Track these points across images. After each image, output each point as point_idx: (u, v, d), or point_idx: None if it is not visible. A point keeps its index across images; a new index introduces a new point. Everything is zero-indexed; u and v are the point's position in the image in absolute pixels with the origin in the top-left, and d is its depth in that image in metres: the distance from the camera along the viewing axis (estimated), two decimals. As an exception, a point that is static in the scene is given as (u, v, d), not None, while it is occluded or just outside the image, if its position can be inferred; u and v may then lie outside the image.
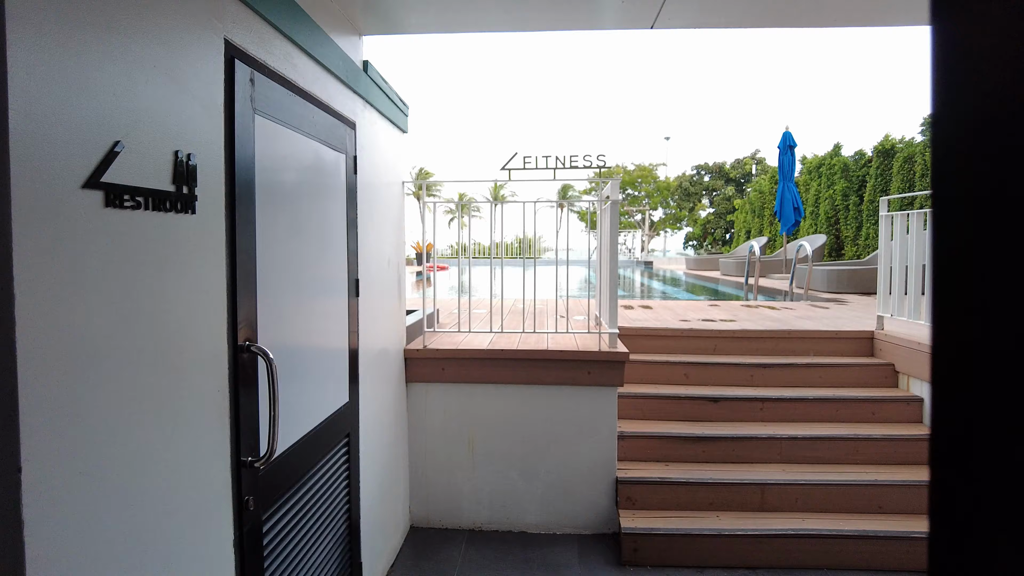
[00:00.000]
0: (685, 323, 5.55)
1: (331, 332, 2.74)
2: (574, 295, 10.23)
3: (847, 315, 6.23)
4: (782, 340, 5.11)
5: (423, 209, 4.21)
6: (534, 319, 4.11)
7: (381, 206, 3.54)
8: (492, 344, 4.11)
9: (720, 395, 4.53)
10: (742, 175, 39.20)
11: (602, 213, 4.23)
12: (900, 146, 12.09)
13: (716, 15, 3.07)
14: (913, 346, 4.51)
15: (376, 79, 3.34)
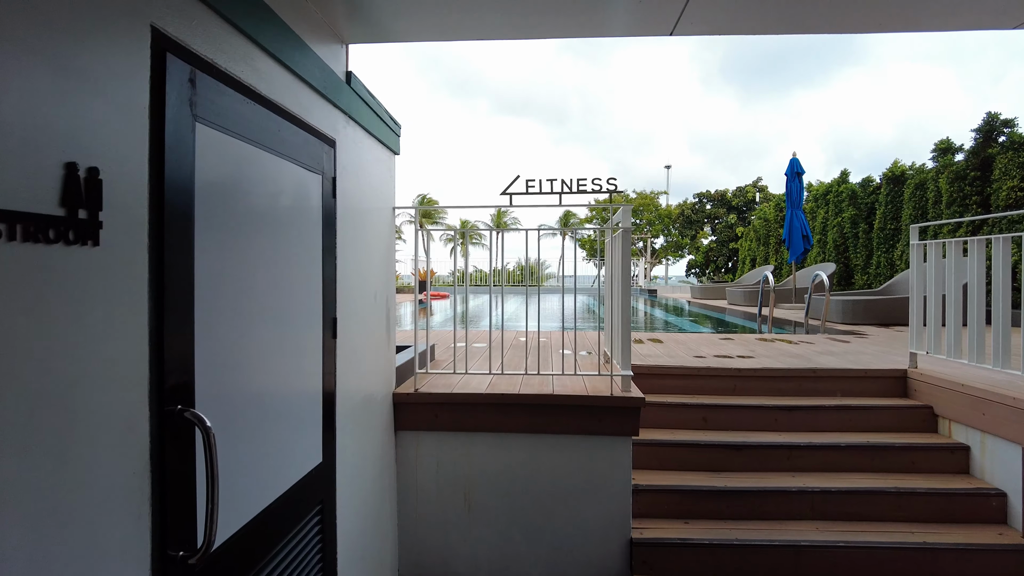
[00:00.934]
0: (700, 359, 5.14)
1: (300, 379, 2.34)
2: (580, 327, 9.83)
3: (871, 350, 5.81)
4: (807, 380, 4.68)
5: (418, 237, 3.83)
6: (538, 356, 3.71)
7: (367, 234, 3.16)
8: (492, 387, 3.70)
9: (743, 442, 4.10)
10: (744, 203, 39.04)
11: (612, 241, 3.84)
12: (911, 172, 11.77)
13: (740, 21, 2.73)
14: (956, 388, 4.08)
15: (361, 93, 2.99)
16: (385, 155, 3.50)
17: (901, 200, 12.01)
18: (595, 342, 6.07)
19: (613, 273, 3.88)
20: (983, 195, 9.85)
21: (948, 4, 2.61)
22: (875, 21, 2.68)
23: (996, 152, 9.69)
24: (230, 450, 1.78)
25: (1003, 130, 9.71)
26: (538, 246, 3.98)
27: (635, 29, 2.70)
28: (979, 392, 3.88)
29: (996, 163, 9.57)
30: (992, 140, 9.85)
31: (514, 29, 2.72)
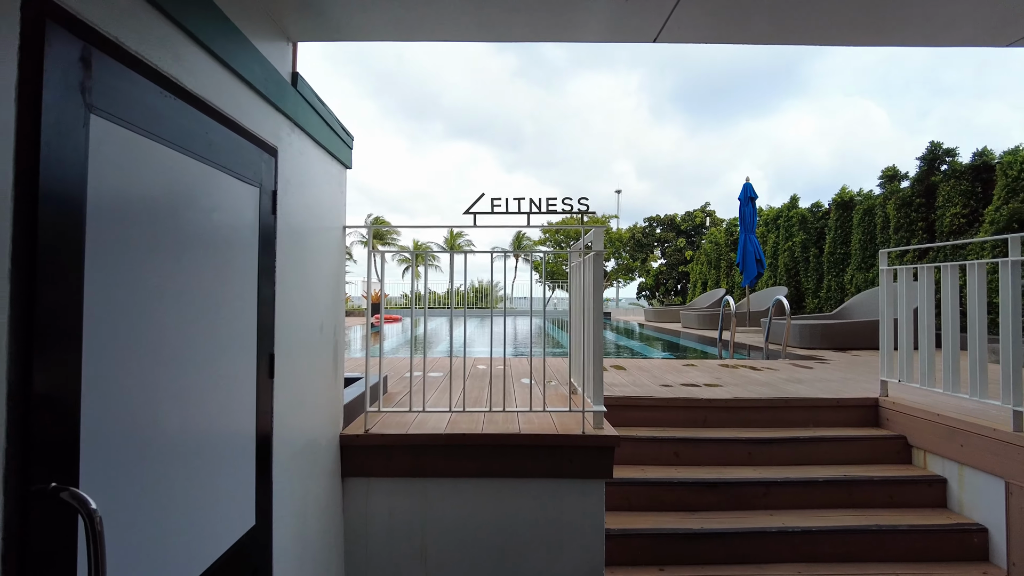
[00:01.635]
0: (667, 389, 4.92)
1: (228, 429, 1.97)
2: (538, 352, 9.55)
3: (836, 376, 5.71)
4: (779, 410, 4.51)
5: (371, 259, 3.49)
6: (503, 387, 3.40)
7: (313, 256, 2.81)
8: (451, 426, 3.36)
9: (718, 479, 3.86)
10: (692, 227, 39.82)
11: (583, 265, 3.59)
12: (859, 199, 12.04)
13: (727, 29, 2.53)
14: (931, 417, 3.96)
15: (309, 97, 2.66)
16: (335, 168, 3.16)
17: (850, 225, 12.26)
18: (559, 370, 5.79)
19: (585, 299, 3.62)
20: (928, 221, 10.10)
21: (941, 20, 2.47)
22: (865, 35, 2.53)
23: (939, 180, 9.96)
24: (130, 532, 1.40)
25: (945, 159, 10.00)
26: (491, 267, 3.71)
27: (617, 34, 2.47)
28: (956, 423, 3.76)
29: (940, 190, 9.83)
30: (935, 169, 10.14)
31: (482, 29, 2.45)
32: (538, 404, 3.70)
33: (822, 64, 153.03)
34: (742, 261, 12.75)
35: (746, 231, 12.76)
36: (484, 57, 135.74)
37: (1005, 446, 3.40)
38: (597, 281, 3.25)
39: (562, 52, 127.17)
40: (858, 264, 11.69)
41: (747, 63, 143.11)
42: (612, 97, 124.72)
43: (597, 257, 3.27)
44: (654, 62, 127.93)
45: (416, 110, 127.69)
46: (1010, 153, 8.91)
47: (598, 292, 3.26)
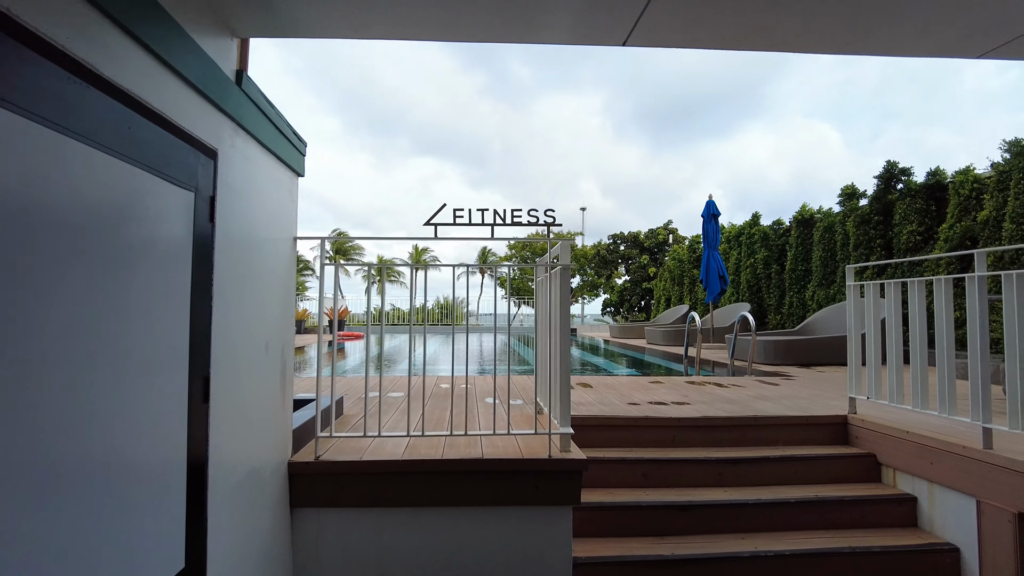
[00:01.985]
0: (635, 407, 4.79)
1: (152, 462, 1.75)
2: (502, 369, 9.37)
3: (804, 393, 5.67)
4: (748, 428, 4.41)
5: (323, 272, 3.29)
6: (464, 407, 3.21)
7: (259, 270, 2.60)
8: (410, 451, 3.15)
9: (688, 501, 3.73)
10: (655, 244, 40.29)
11: (549, 279, 3.44)
12: (819, 216, 12.24)
13: (698, 34, 2.44)
14: (900, 435, 3.90)
15: (256, 98, 2.47)
16: (285, 176, 2.96)
17: (811, 242, 12.45)
18: (525, 388, 5.62)
19: (551, 315, 3.47)
20: (886, 238, 10.30)
21: (914, 29, 2.42)
22: (838, 42, 2.46)
23: (895, 198, 10.18)
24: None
25: (900, 178, 10.23)
26: (453, 282, 3.55)
27: (585, 36, 2.35)
28: (926, 440, 3.71)
29: (896, 208, 10.04)
30: (892, 187, 10.36)
31: (443, 29, 2.30)
32: (502, 426, 3.52)
33: (780, 87, 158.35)
34: (705, 277, 12.82)
35: (709, 248, 12.86)
36: (451, 74, 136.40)
37: (975, 464, 3.35)
38: (564, 296, 3.11)
39: (529, 71, 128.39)
40: (819, 281, 11.85)
41: (709, 85, 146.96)
42: (577, 116, 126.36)
43: (564, 271, 3.13)
44: (619, 82, 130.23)
45: (382, 125, 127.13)
46: (961, 173, 9.14)
47: (565, 307, 3.12)
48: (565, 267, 3.12)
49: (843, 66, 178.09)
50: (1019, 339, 3.16)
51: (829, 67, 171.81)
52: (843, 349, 8.89)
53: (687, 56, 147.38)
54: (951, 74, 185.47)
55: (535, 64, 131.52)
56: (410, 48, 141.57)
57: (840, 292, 11.14)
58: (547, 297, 3.58)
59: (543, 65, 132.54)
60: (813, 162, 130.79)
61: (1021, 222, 7.92)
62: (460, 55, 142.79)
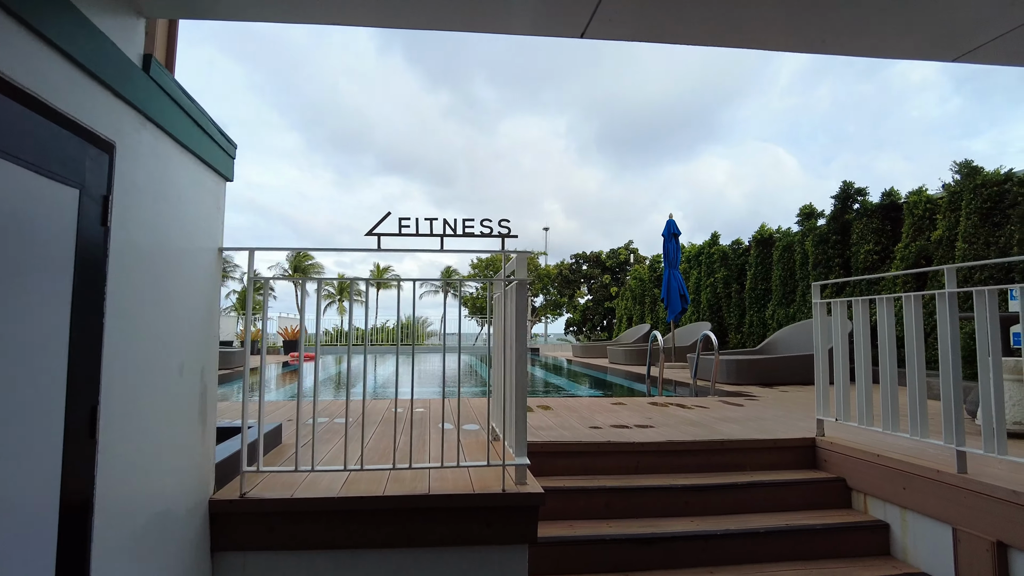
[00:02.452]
0: (597, 431, 4.55)
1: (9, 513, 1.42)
2: (464, 391, 9.05)
3: (769, 414, 5.52)
4: (714, 453, 4.21)
5: (250, 286, 2.97)
6: (412, 436, 2.91)
7: (173, 282, 2.29)
8: (349, 486, 2.84)
9: (652, 534, 3.49)
10: (617, 264, 40.57)
11: (505, 295, 3.20)
12: (778, 236, 12.33)
13: (659, 28, 2.25)
14: (871, 459, 3.75)
15: (169, 87, 2.18)
16: (209, 179, 2.66)
17: (770, 261, 12.52)
18: (482, 412, 5.33)
19: (506, 332, 3.21)
20: (844, 257, 10.38)
21: (888, 31, 2.27)
22: (809, 39, 2.30)
23: (852, 218, 10.29)
24: None
25: (857, 198, 10.35)
26: (396, 297, 3.26)
27: (543, 27, 2.14)
28: (897, 464, 3.55)
29: (854, 228, 10.14)
30: (849, 207, 10.48)
31: (385, 13, 2.05)
32: (453, 456, 3.23)
33: (738, 112, 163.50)
34: (667, 296, 12.77)
35: (670, 267, 12.82)
36: (418, 94, 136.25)
37: (950, 489, 3.20)
38: (520, 313, 2.86)
39: (494, 93, 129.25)
40: (779, 300, 11.90)
41: (670, 110, 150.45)
42: (542, 138, 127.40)
43: (520, 287, 2.89)
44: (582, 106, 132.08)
45: (346, 143, 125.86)
46: (915, 193, 9.28)
47: (521, 325, 2.87)
48: (521, 282, 2.88)
49: (797, 92, 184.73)
50: (992, 358, 3.03)
51: (785, 93, 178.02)
52: (805, 368, 8.86)
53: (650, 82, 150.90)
54: (897, 102, 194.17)
55: (500, 86, 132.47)
56: (376, 67, 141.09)
57: (800, 311, 11.18)
58: (503, 315, 3.33)
59: (508, 87, 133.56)
60: (770, 184, 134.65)
61: (973, 241, 8.03)
62: (426, 75, 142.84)
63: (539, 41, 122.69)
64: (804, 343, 9.53)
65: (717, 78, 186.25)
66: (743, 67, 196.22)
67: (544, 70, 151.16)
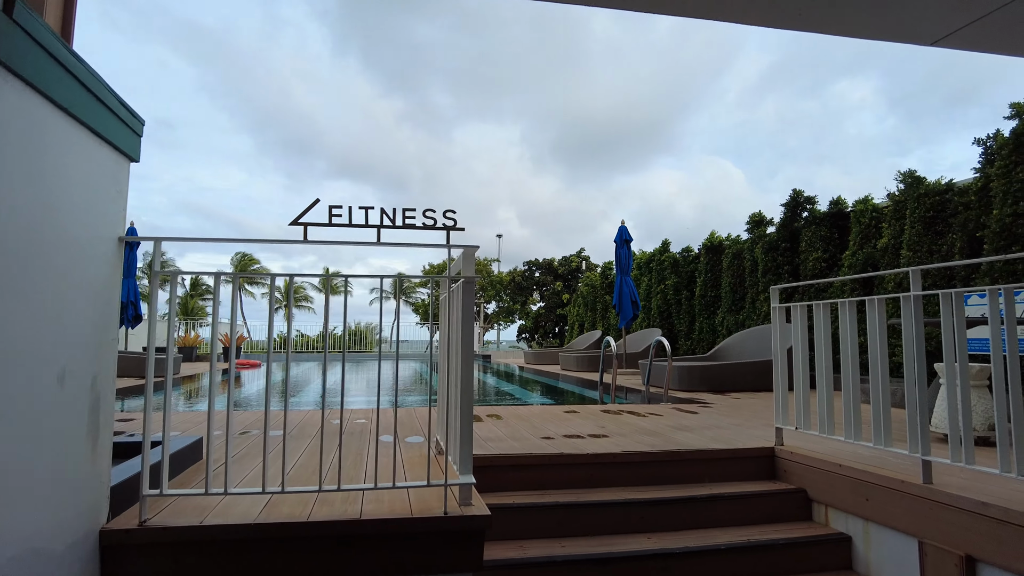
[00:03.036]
0: (549, 441, 4.30)
1: None
2: (411, 400, 8.69)
3: (724, 422, 5.38)
4: (671, 464, 4.01)
5: (154, 284, 2.60)
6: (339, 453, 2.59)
7: (47, 276, 1.91)
8: (270, 510, 2.49)
9: (608, 553, 3.25)
10: (569, 271, 40.72)
11: (452, 295, 2.91)
12: (728, 243, 12.40)
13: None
14: (832, 468, 3.60)
15: (42, 38, 1.82)
16: (105, 156, 2.29)
17: (720, 269, 12.58)
18: (428, 428, 5.01)
19: (451, 336, 2.92)
20: (793, 264, 10.47)
21: (865, 9, 2.10)
22: (786, 15, 2.11)
23: (801, 226, 10.39)
24: None
25: (806, 206, 10.47)
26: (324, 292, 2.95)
27: None
28: (861, 474, 3.41)
29: (802, 235, 10.24)
30: (798, 215, 10.59)
31: None
32: (387, 477, 2.92)
33: (689, 125, 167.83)
34: (618, 303, 12.68)
35: (622, 273, 12.75)
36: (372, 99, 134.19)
37: (915, 500, 3.06)
38: (467, 314, 2.58)
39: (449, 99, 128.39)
40: (728, 306, 11.94)
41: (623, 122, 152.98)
42: (497, 146, 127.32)
43: (467, 285, 2.61)
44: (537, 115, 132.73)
45: (298, 147, 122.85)
46: (861, 202, 9.42)
47: (468, 328, 2.59)
48: (469, 280, 2.60)
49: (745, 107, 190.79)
50: (959, 364, 2.91)
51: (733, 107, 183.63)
52: (756, 375, 8.84)
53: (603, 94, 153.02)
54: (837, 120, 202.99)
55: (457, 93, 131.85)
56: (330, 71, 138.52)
57: (750, 318, 11.23)
58: (449, 317, 3.04)
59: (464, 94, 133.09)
60: (718, 196, 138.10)
61: (917, 249, 8.16)
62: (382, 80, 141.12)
63: (497, 48, 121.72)
64: (754, 349, 9.54)
65: (668, 92, 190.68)
66: (694, 82, 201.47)
67: (500, 79, 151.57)
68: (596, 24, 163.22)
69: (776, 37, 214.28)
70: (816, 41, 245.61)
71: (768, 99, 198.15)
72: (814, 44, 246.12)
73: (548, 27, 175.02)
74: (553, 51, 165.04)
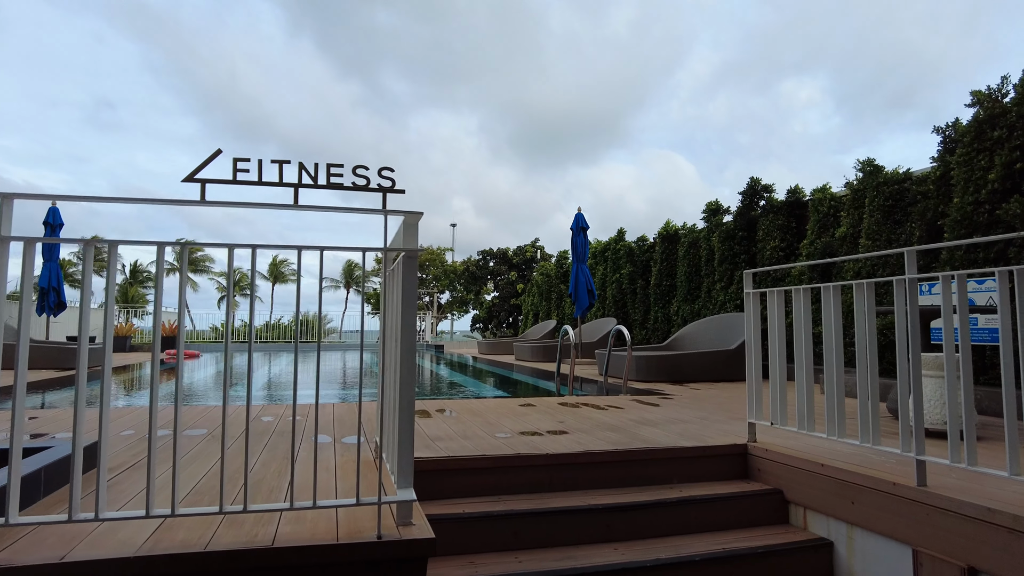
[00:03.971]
0: (503, 439, 3.89)
1: None
2: (353, 397, 8.15)
3: (688, 415, 5.07)
4: (637, 464, 3.65)
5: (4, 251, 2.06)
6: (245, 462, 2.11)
7: None
8: (159, 539, 2.00)
9: (573, 568, 2.86)
10: (523, 261, 40.45)
11: (392, 274, 2.45)
12: (683, 232, 12.21)
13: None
14: (813, 468, 3.31)
15: None
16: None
17: (675, 258, 12.39)
18: (359, 419, 4.52)
19: (391, 322, 2.47)
20: (750, 253, 10.33)
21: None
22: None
23: (758, 215, 10.25)
24: None
25: (763, 194, 10.33)
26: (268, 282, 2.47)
27: None
28: (846, 475, 3.12)
29: (760, 224, 10.09)
30: (755, 204, 10.44)
31: None
32: (327, 483, 2.45)
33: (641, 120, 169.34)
34: (574, 291, 12.37)
35: (578, 261, 12.44)
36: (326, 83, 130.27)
37: (909, 504, 2.78)
38: (408, 293, 2.13)
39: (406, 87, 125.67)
40: (684, 296, 11.77)
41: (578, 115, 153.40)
42: (455, 136, 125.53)
43: (408, 261, 2.15)
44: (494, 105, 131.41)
45: (247, 130, 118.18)
46: (819, 191, 9.30)
47: (409, 313, 2.14)
48: (411, 255, 2.15)
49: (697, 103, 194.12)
50: (962, 354, 2.62)
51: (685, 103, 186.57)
52: (714, 365, 8.63)
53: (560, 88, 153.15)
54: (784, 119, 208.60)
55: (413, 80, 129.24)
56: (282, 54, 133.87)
57: (705, 307, 11.07)
58: (388, 298, 2.58)
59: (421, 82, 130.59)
60: (670, 189, 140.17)
61: (876, 238, 8.06)
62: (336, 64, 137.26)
63: (454, 36, 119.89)
64: (711, 339, 9.35)
65: (623, 87, 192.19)
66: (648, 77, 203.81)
67: (457, 67, 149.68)
68: (553, 17, 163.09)
69: (729, 35, 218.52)
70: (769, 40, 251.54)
71: (720, 94, 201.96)
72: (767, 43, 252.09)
73: (506, 17, 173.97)
74: (511, 42, 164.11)
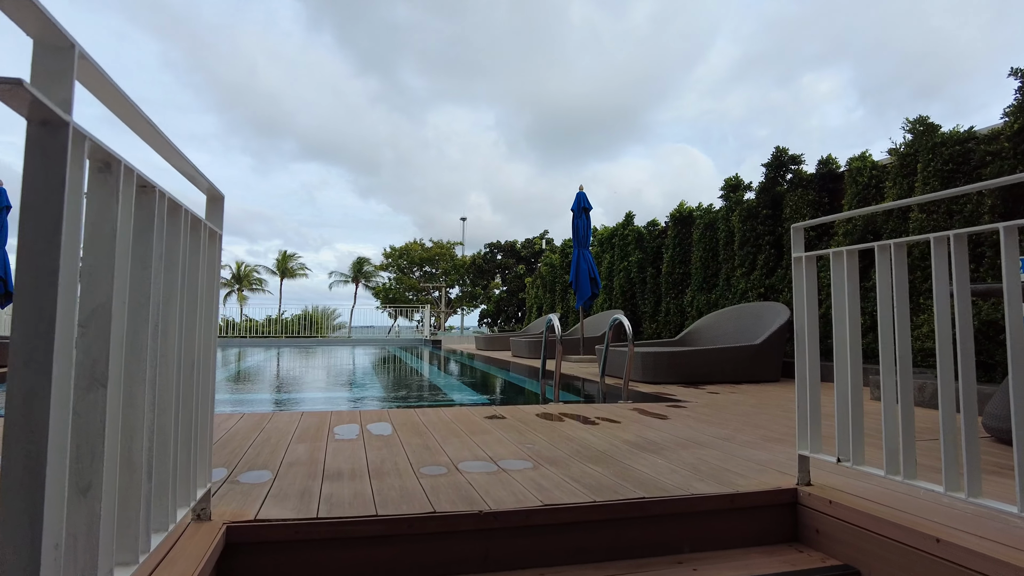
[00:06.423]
0: (429, 478, 2.61)
1: None
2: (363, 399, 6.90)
3: (705, 434, 3.76)
4: (628, 524, 2.36)
5: None
6: None
7: None
8: None
9: None
10: (532, 254, 39.22)
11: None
12: (699, 213, 10.85)
13: None
14: (919, 543, 1.99)
15: None
16: None
17: (690, 242, 11.04)
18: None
19: (201, 307, 1.19)
20: (775, 234, 8.96)
21: None
22: None
23: (784, 190, 8.88)
24: None
25: (791, 166, 8.95)
26: None
27: None
28: (981, 561, 1.80)
29: (786, 201, 8.72)
30: (781, 178, 9.06)
31: None
32: None
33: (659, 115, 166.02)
34: (575, 280, 11.06)
35: (579, 246, 11.11)
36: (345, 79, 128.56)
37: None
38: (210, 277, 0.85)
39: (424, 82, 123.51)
40: (699, 284, 10.42)
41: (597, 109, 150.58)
42: (472, 131, 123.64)
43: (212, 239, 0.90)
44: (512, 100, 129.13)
45: (266, 127, 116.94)
46: (858, 159, 7.92)
47: (211, 299, 0.86)
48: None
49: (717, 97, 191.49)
50: None
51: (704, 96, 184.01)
52: (737, 364, 7.26)
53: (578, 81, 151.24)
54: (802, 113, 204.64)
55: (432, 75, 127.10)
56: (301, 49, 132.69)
57: (724, 296, 9.70)
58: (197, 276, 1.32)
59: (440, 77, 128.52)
60: (686, 183, 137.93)
61: (932, 211, 6.68)
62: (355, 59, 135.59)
63: (474, 32, 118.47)
64: (731, 333, 8.01)
65: (642, 80, 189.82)
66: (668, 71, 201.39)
67: (476, 62, 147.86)
68: (574, 10, 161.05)
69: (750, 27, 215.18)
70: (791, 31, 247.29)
71: (740, 88, 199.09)
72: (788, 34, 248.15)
73: (526, 11, 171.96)
74: (530, 36, 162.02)
